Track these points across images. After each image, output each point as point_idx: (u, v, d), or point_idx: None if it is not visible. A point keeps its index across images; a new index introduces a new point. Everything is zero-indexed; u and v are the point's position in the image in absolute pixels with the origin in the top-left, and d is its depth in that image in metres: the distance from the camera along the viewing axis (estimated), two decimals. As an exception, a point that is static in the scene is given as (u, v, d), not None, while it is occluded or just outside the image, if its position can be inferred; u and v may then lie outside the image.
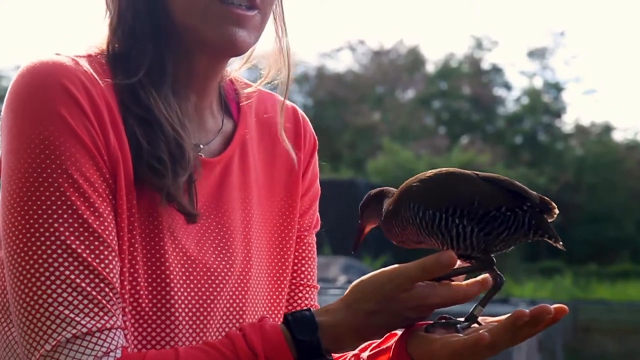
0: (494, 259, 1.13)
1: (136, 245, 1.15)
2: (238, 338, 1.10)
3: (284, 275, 1.30)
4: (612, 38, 51.11)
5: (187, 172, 1.16)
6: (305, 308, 1.16)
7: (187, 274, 1.18)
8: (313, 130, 1.37)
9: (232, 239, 1.23)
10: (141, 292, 1.15)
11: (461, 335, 1.08)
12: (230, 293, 1.21)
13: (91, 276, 1.08)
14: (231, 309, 1.21)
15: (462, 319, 1.12)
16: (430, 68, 34.02)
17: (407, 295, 1.08)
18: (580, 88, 43.77)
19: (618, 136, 45.56)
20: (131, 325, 1.14)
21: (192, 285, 1.18)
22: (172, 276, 1.17)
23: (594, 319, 17.06)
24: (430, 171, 1.15)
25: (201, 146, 1.24)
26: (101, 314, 1.08)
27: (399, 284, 1.08)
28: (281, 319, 1.25)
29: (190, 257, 1.19)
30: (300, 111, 1.37)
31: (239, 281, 1.22)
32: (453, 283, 1.12)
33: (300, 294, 1.33)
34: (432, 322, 1.14)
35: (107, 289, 1.09)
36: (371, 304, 1.09)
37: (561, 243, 1.11)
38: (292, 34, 1.29)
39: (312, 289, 1.34)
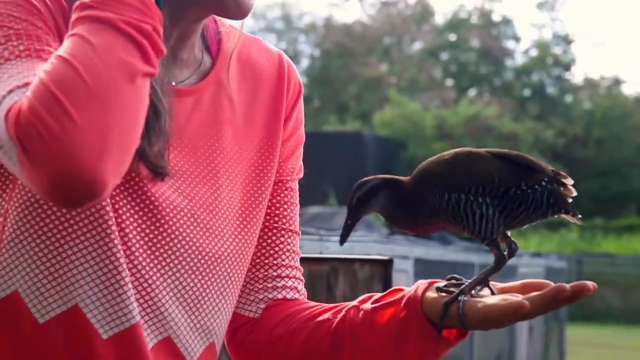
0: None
1: None
2: None
3: (257, 214, 1.27)
4: (623, -10, 50.59)
5: (162, 141, 1.13)
6: None
7: (136, 207, 1.15)
8: (298, 76, 1.34)
9: (193, 174, 1.21)
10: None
11: (485, 300, 1.10)
12: (192, 227, 1.18)
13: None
14: (194, 241, 1.18)
15: (470, 281, 1.13)
16: (439, 19, 33.87)
17: None
18: (589, 41, 43.51)
19: (627, 89, 45.50)
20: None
21: (144, 218, 1.15)
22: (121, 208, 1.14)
23: (598, 272, 17.15)
24: (445, 153, 1.15)
25: (173, 83, 1.21)
26: None
27: None
28: (248, 261, 1.26)
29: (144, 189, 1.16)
30: (286, 57, 1.34)
31: (200, 215, 1.19)
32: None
33: (282, 238, 1.31)
34: (443, 281, 1.15)
35: None
36: None
37: (579, 217, 1.11)
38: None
39: (294, 234, 1.33)
